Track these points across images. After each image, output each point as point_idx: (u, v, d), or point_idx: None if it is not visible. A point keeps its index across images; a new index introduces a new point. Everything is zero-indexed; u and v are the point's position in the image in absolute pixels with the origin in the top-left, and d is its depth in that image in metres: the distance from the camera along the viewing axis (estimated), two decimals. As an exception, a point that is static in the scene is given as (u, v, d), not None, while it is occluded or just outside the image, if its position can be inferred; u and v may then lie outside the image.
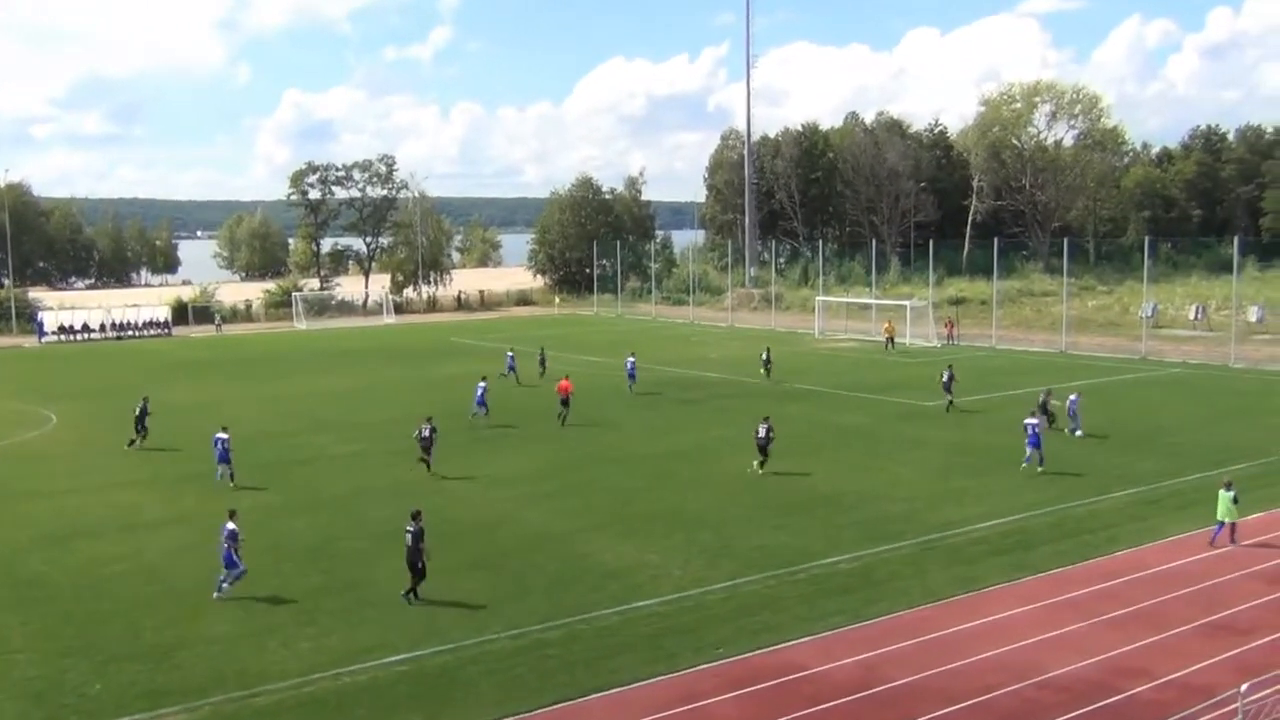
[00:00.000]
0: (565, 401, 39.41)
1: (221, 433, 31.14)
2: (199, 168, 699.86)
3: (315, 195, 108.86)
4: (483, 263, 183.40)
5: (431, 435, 31.60)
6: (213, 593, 21.26)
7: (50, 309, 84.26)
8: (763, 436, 30.91)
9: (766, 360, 51.02)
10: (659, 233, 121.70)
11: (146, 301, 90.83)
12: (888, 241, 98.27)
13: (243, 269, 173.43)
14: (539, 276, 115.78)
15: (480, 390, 40.46)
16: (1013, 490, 28.95)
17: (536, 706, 16.46)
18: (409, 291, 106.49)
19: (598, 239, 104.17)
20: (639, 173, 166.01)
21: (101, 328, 79.17)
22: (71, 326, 78.55)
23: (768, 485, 29.91)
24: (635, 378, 47.28)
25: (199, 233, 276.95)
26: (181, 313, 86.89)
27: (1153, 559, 23.01)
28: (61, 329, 77.98)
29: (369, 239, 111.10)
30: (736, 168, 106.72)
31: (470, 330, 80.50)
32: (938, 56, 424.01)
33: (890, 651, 18.27)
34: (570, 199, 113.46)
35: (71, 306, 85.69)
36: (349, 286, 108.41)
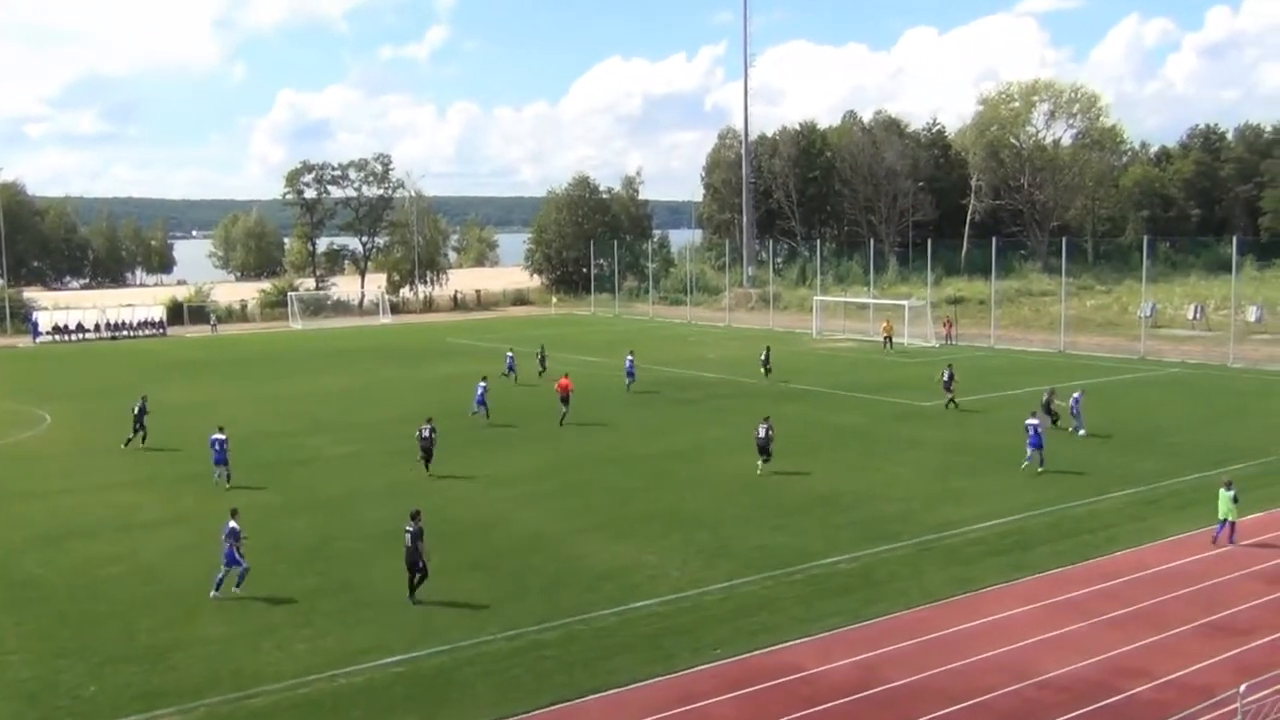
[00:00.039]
0: (565, 400, 39.38)
1: (218, 433, 30.94)
2: (194, 167, 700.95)
3: (311, 194, 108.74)
4: (479, 262, 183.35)
5: (432, 436, 31.52)
6: (210, 591, 21.18)
7: (45, 309, 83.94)
8: (763, 437, 30.84)
9: (766, 360, 50.97)
10: (656, 232, 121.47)
11: (141, 301, 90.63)
12: (886, 241, 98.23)
13: (238, 269, 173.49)
14: (536, 276, 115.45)
15: (480, 390, 40.38)
16: (1011, 490, 28.91)
17: (534, 707, 16.39)
18: (405, 291, 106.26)
19: (595, 238, 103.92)
20: (636, 172, 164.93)
21: (96, 328, 78.92)
22: (66, 326, 78.29)
23: (765, 485, 29.85)
24: (634, 376, 47.30)
25: (194, 232, 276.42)
26: (176, 313, 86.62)
27: (1152, 559, 22.98)
28: (56, 329, 77.73)
29: (365, 238, 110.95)
30: (734, 167, 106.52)
31: (466, 330, 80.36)
32: (936, 55, 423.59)
33: (889, 652, 18.22)
34: (567, 198, 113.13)
35: (66, 306, 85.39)
36: (345, 286, 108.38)
